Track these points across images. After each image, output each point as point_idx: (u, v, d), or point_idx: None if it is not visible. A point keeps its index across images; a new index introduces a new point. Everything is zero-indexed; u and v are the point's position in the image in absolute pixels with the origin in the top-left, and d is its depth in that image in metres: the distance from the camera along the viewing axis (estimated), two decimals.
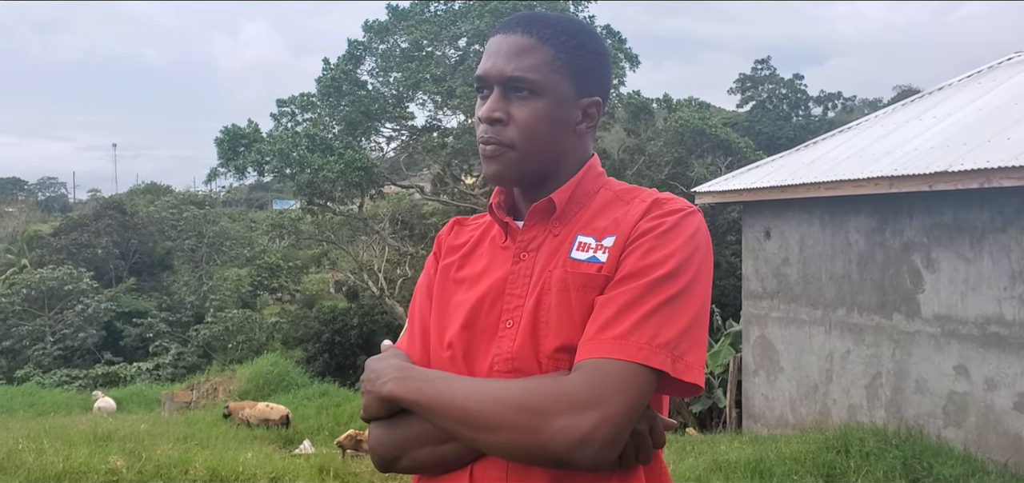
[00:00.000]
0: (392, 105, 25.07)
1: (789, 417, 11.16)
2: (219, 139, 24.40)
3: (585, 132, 1.52)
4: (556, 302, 1.39)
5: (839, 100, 49.41)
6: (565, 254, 1.43)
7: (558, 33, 1.47)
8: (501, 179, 1.49)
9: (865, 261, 10.06)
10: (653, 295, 1.33)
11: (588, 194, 1.50)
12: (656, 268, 1.35)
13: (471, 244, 1.59)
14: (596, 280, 1.38)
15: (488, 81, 1.47)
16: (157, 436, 10.83)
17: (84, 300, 30.86)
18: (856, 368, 10.19)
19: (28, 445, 9.08)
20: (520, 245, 1.48)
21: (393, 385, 1.41)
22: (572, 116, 1.48)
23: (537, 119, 1.44)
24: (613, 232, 1.42)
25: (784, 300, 11.30)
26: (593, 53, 1.50)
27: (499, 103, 1.45)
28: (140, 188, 58.91)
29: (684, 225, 1.40)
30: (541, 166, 1.47)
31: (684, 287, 1.35)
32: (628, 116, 26.47)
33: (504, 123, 1.45)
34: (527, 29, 1.46)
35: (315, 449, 11.81)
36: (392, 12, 24.93)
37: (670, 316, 1.32)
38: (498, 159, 1.46)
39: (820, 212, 10.67)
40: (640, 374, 1.28)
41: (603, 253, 1.40)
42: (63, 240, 36.90)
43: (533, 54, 1.44)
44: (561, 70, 1.45)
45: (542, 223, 1.48)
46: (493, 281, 1.47)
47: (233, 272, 35.77)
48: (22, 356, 29.79)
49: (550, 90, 1.44)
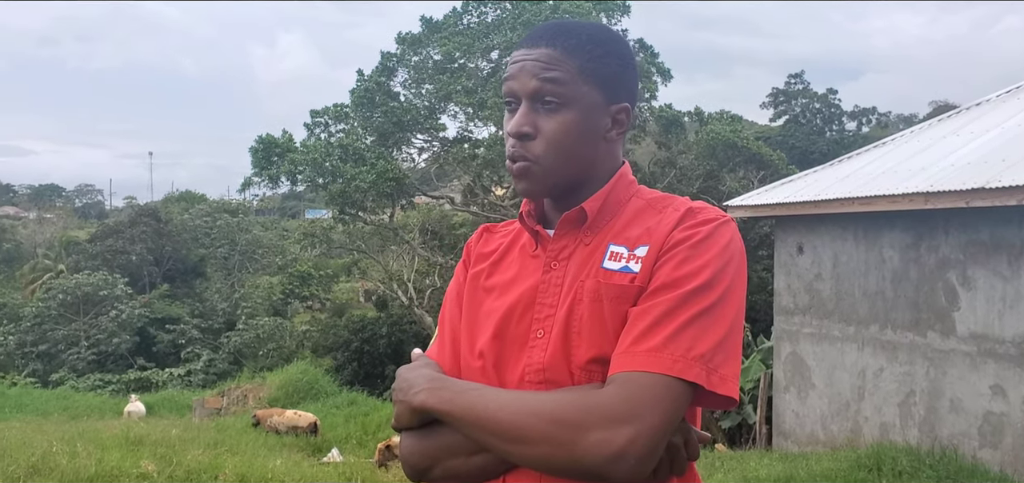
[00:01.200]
0: (424, 116, 25.19)
1: (820, 434, 11.03)
2: (253, 148, 24.65)
3: (615, 139, 1.50)
4: (588, 313, 1.38)
5: (874, 115, 48.99)
6: (597, 264, 1.41)
7: (584, 42, 1.46)
8: (531, 193, 1.48)
9: (899, 278, 9.94)
10: (688, 307, 1.31)
11: (620, 202, 1.48)
12: (691, 279, 1.33)
13: (500, 251, 1.58)
14: (629, 291, 1.37)
15: (515, 95, 1.46)
16: (188, 441, 10.93)
17: (118, 306, 31.24)
18: (889, 386, 10.05)
19: (62, 448, 9.20)
20: (551, 254, 1.47)
21: (425, 395, 1.39)
22: (601, 124, 1.47)
23: (565, 131, 1.43)
24: (646, 241, 1.41)
25: (816, 316, 11.18)
26: (620, 59, 1.49)
27: (527, 117, 1.44)
28: (175, 196, 59.60)
29: (718, 235, 1.38)
30: (571, 177, 1.46)
31: (719, 298, 1.33)
32: (660, 129, 26.39)
33: (532, 137, 1.44)
34: (552, 41, 1.45)
35: (343, 457, 11.86)
36: (425, 24, 25.07)
37: (705, 328, 1.31)
38: (527, 174, 1.45)
39: (854, 228, 10.55)
40: (675, 387, 1.27)
41: (636, 263, 1.39)
42: (99, 246, 37.40)
43: (559, 66, 1.43)
44: (588, 79, 1.44)
45: (573, 232, 1.47)
46: (523, 290, 1.46)
47: (265, 280, 36.04)
48: (57, 360, 30.19)
49: (578, 100, 1.43)
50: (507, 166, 1.49)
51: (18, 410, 18.64)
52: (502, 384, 1.41)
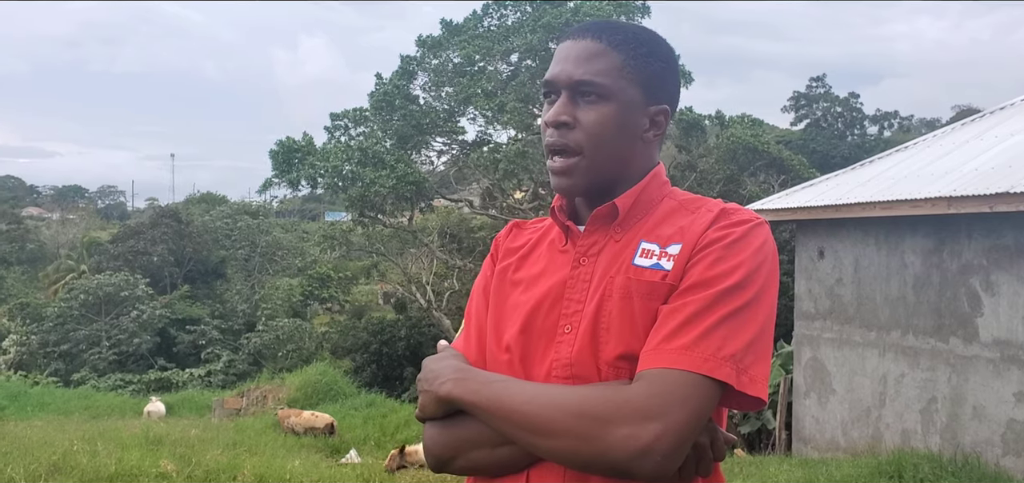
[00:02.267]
0: (443, 119, 25.23)
1: (840, 440, 10.94)
2: (274, 151, 24.78)
3: (652, 140, 1.50)
4: (618, 309, 1.38)
5: (896, 119, 48.59)
6: (628, 260, 1.41)
7: (628, 40, 1.46)
8: (569, 189, 1.47)
9: (921, 283, 9.84)
10: (720, 306, 1.31)
11: (652, 201, 1.48)
12: (723, 278, 1.33)
13: (529, 246, 1.57)
14: (660, 288, 1.37)
15: (556, 85, 1.46)
16: (207, 441, 10.99)
17: (139, 306, 31.47)
18: (911, 392, 9.96)
19: (82, 447, 9.28)
20: (581, 249, 1.46)
21: (452, 386, 1.39)
22: (640, 123, 1.47)
23: (604, 123, 1.43)
24: (678, 240, 1.40)
25: (837, 321, 11.09)
26: (662, 61, 1.49)
27: (566, 107, 1.44)
28: (196, 197, 59.99)
29: (752, 236, 1.38)
30: (608, 173, 1.46)
31: (751, 299, 1.33)
32: (680, 133, 26.29)
33: (571, 127, 1.43)
34: (597, 35, 1.45)
35: (361, 459, 11.87)
36: (445, 27, 25.11)
37: (736, 328, 1.30)
38: (568, 169, 1.45)
39: (875, 232, 10.47)
40: (704, 385, 1.27)
41: (668, 260, 1.38)
42: (120, 247, 37.68)
43: (602, 59, 1.43)
44: (630, 76, 1.44)
45: (604, 228, 1.46)
46: (552, 284, 1.46)
47: (284, 282, 36.20)
48: (79, 359, 30.45)
49: (618, 95, 1.43)
50: (547, 162, 1.49)
51: (40, 409, 18.81)
52: (529, 378, 1.41)
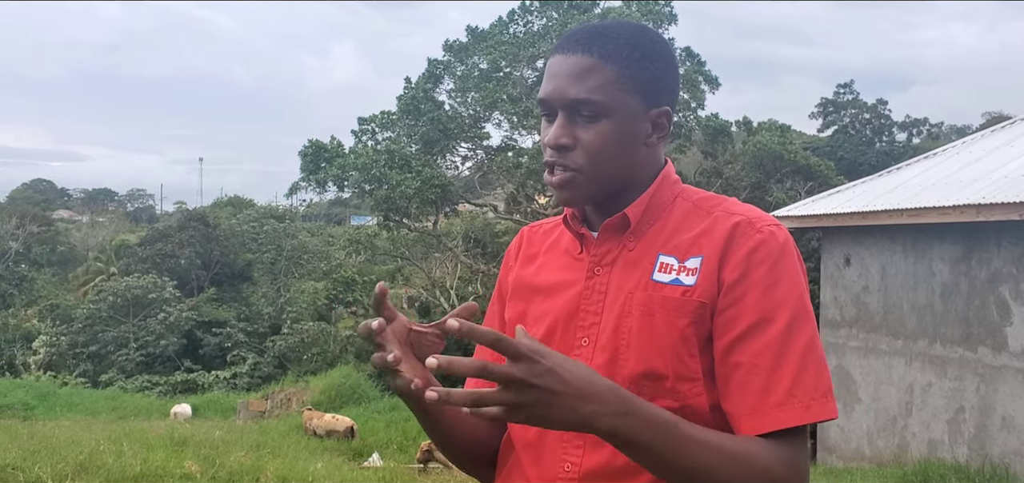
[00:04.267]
0: (469, 124, 25.31)
1: (866, 450, 10.83)
2: (303, 151, 25.05)
3: (656, 143, 1.45)
4: (638, 326, 1.35)
5: (925, 126, 48.08)
6: (646, 275, 1.38)
7: (620, 47, 1.40)
8: (571, 202, 1.45)
9: (949, 291, 9.74)
10: (793, 343, 1.30)
11: (663, 205, 1.44)
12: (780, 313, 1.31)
13: (542, 251, 1.55)
14: (686, 305, 1.34)
15: (551, 105, 1.41)
16: (231, 443, 11.07)
17: (167, 308, 31.73)
18: (938, 402, 9.85)
19: (109, 447, 9.38)
20: (594, 259, 1.44)
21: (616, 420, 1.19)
22: (641, 130, 1.42)
23: (604, 140, 1.38)
24: (697, 253, 1.36)
25: (863, 329, 11.00)
26: (659, 61, 1.44)
27: (564, 128, 1.39)
28: (223, 201, 60.43)
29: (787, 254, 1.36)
30: (612, 185, 1.42)
31: (811, 323, 1.33)
32: (706, 139, 26.19)
33: (571, 148, 1.39)
34: (587, 48, 1.39)
35: (383, 462, 11.91)
36: (471, 33, 25.19)
37: (818, 360, 1.31)
38: (567, 185, 1.40)
39: (902, 239, 10.37)
40: (806, 430, 1.32)
41: (688, 275, 1.35)
42: (148, 250, 38.01)
43: (595, 74, 1.37)
44: (626, 86, 1.38)
45: (616, 238, 1.43)
46: (569, 296, 1.44)
47: (310, 285, 36.39)
48: (107, 361, 30.75)
49: (616, 109, 1.38)
50: (545, 177, 1.45)
51: (68, 409, 19.05)
52: None
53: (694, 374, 1.33)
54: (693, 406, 1.32)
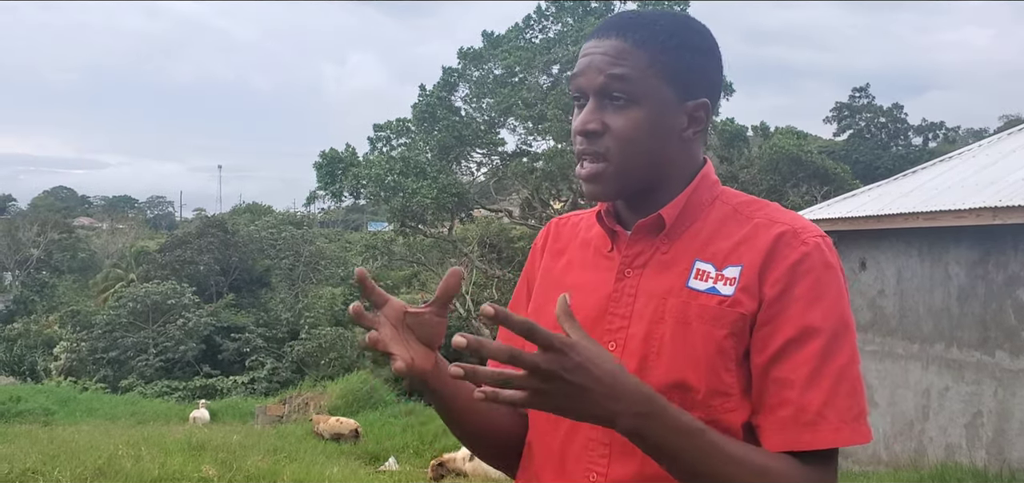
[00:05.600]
0: (484, 131, 25.37)
1: (882, 454, 10.78)
2: (318, 163, 25.19)
3: (693, 138, 1.38)
4: (671, 334, 1.30)
5: (941, 130, 47.73)
6: (681, 281, 1.32)
7: (656, 33, 1.34)
8: (601, 196, 1.38)
9: (966, 295, 9.68)
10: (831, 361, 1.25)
11: (701, 206, 1.37)
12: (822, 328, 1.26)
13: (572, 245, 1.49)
14: (726, 316, 1.28)
15: (583, 90, 1.36)
16: (248, 447, 11.13)
17: (186, 314, 31.96)
18: (955, 406, 9.79)
19: (127, 451, 9.47)
20: (625, 260, 1.38)
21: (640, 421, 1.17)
22: (676, 122, 1.35)
23: (635, 128, 1.32)
24: (736, 262, 1.30)
25: (879, 333, 10.95)
26: (698, 51, 1.37)
27: (594, 114, 1.34)
28: (242, 208, 60.79)
29: (832, 268, 1.30)
30: (644, 180, 1.36)
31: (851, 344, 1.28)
32: (722, 144, 26.14)
33: (600, 134, 1.34)
34: (621, 32, 1.34)
35: (400, 466, 11.96)
36: (487, 39, 25.26)
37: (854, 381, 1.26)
38: (596, 177, 1.35)
39: (918, 243, 10.32)
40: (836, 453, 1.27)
41: (725, 284, 1.29)
42: (168, 256, 38.31)
43: (628, 59, 1.32)
44: (660, 74, 1.33)
45: (649, 239, 1.37)
46: (597, 296, 1.38)
47: (327, 291, 36.51)
48: (127, 366, 30.98)
49: (649, 96, 1.32)
50: (576, 169, 1.39)
51: (88, 414, 19.21)
52: None
53: (729, 389, 1.27)
54: (724, 422, 1.26)
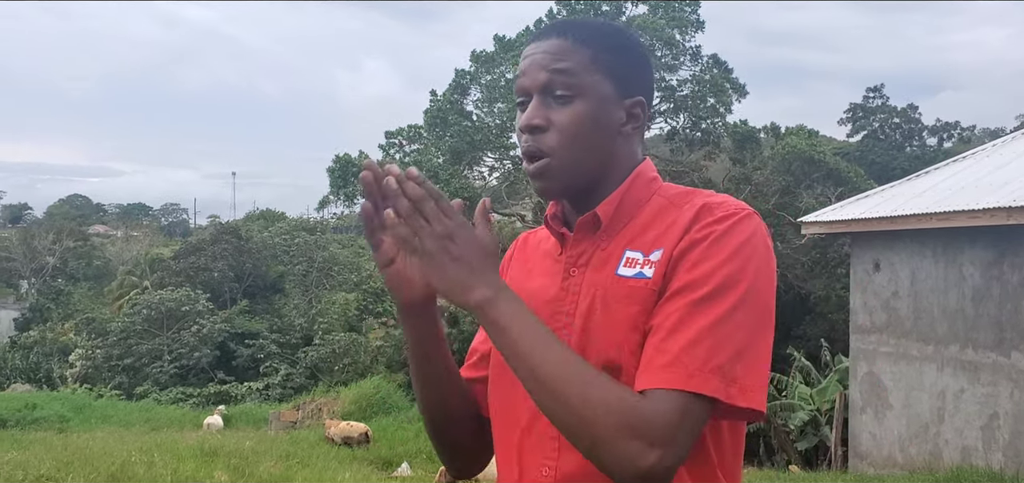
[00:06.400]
0: (495, 135, 25.38)
1: (898, 457, 10.71)
2: (331, 168, 25.29)
3: (631, 134, 1.44)
4: (600, 320, 1.34)
5: (956, 130, 47.43)
6: (612, 271, 1.37)
7: (594, 34, 1.42)
8: (548, 192, 1.43)
9: (981, 296, 9.61)
10: (702, 313, 1.24)
11: (638, 203, 1.42)
12: (704, 282, 1.26)
13: (533, 257, 1.55)
14: (641, 294, 1.31)
15: (526, 89, 1.42)
16: (261, 453, 11.15)
17: (200, 321, 32.06)
18: (971, 408, 9.71)
19: (140, 457, 9.50)
20: (569, 260, 1.43)
21: (490, 294, 1.28)
22: (615, 117, 1.41)
23: (578, 121, 1.38)
24: (660, 245, 1.34)
25: (894, 335, 10.88)
26: (632, 53, 1.45)
27: (538, 110, 1.39)
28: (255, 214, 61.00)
29: (736, 231, 1.29)
30: (587, 174, 1.41)
31: (736, 302, 1.25)
32: (734, 145, 26.03)
33: (544, 129, 1.39)
34: (562, 33, 1.41)
35: (413, 472, 11.94)
36: (499, 43, 25.27)
37: (722, 336, 1.23)
38: (544, 173, 1.40)
39: (932, 244, 10.25)
40: (693, 404, 1.22)
41: (650, 268, 1.33)
42: (182, 263, 38.45)
43: (570, 56, 1.39)
44: (600, 70, 1.39)
45: (590, 237, 1.42)
46: (547, 298, 1.43)
47: (341, 296, 36.57)
48: (141, 373, 31.09)
49: (590, 91, 1.38)
50: (523, 165, 1.44)
51: (103, 421, 19.29)
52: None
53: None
54: None
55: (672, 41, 24.14)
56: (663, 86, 24.89)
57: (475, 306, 1.27)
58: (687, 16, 24.82)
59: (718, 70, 24.83)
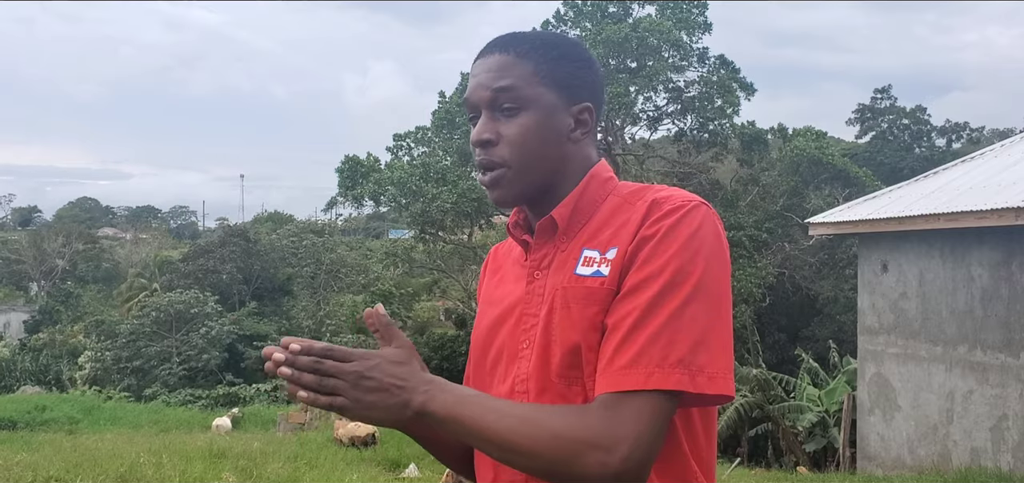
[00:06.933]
0: None
1: (906, 458, 10.68)
2: (339, 168, 25.38)
3: (582, 139, 1.47)
4: (560, 320, 1.37)
5: (965, 131, 47.19)
6: (571, 271, 1.40)
7: (536, 46, 1.46)
8: (504, 201, 1.47)
9: (989, 296, 9.58)
10: (657, 311, 1.27)
11: (594, 203, 1.45)
12: (655, 279, 1.29)
13: (504, 266, 1.59)
14: (598, 293, 1.35)
15: (474, 105, 1.47)
16: (269, 455, 11.16)
17: (208, 323, 32.16)
18: (979, 409, 9.68)
19: (149, 459, 9.52)
20: (533, 264, 1.47)
21: (425, 399, 1.30)
22: (564, 124, 1.45)
23: (525, 132, 1.42)
24: (615, 243, 1.37)
25: (902, 336, 10.85)
26: (577, 61, 1.48)
27: (487, 125, 1.45)
28: (264, 217, 61.21)
29: (683, 224, 1.32)
30: (540, 180, 1.45)
31: (690, 294, 1.28)
32: (741, 147, 25.98)
33: (494, 143, 1.44)
34: (504, 48, 1.46)
35: (420, 473, 11.95)
36: None
37: (678, 329, 1.26)
38: (497, 183, 1.44)
39: (940, 245, 10.23)
40: (654, 401, 1.25)
41: (606, 266, 1.36)
42: (191, 265, 38.62)
43: (513, 70, 1.43)
44: (544, 81, 1.43)
45: (550, 241, 1.46)
46: (512, 302, 1.47)
47: (349, 298, 36.62)
48: (150, 375, 31.20)
49: (535, 101, 1.43)
50: (477, 178, 1.50)
51: (112, 423, 19.37)
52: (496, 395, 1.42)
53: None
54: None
55: (679, 42, 24.11)
56: (670, 87, 24.87)
57: (417, 414, 1.30)
58: (694, 17, 24.80)
59: (725, 71, 24.79)
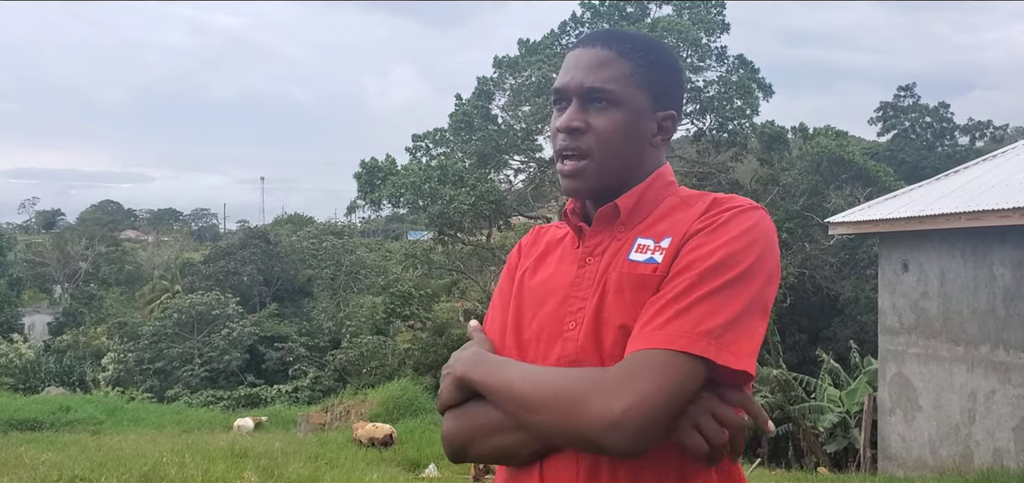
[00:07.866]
0: (521, 138, 25.40)
1: (928, 459, 10.61)
2: (358, 172, 25.40)
3: (659, 144, 1.54)
4: (614, 303, 1.41)
5: (988, 129, 46.73)
6: (624, 256, 1.44)
7: (636, 48, 1.50)
8: (578, 191, 1.51)
9: (1011, 296, 9.51)
10: (699, 286, 1.33)
11: (655, 201, 1.50)
12: (704, 260, 1.35)
13: (548, 248, 1.62)
14: (651, 280, 1.39)
15: (567, 93, 1.50)
16: (290, 455, 11.25)
17: (230, 324, 32.33)
18: (1002, 409, 9.61)
19: (172, 459, 9.62)
20: (586, 249, 1.51)
21: (464, 368, 1.46)
22: (648, 128, 1.51)
23: (615, 129, 1.47)
24: (671, 234, 1.43)
25: (923, 336, 10.78)
26: (669, 68, 1.54)
27: (578, 113, 1.48)
28: (284, 219, 61.46)
29: (739, 219, 1.39)
30: (616, 177, 1.49)
31: (735, 278, 1.33)
32: (762, 146, 25.86)
33: (583, 132, 1.48)
34: (606, 43, 1.50)
35: (440, 473, 12.00)
36: (523, 47, 25.30)
37: (717, 306, 1.31)
38: (578, 173, 1.49)
39: (962, 244, 10.16)
40: (676, 361, 1.28)
41: (660, 254, 1.41)
42: (212, 267, 38.83)
43: (612, 66, 1.47)
44: (639, 83, 1.48)
45: (608, 228, 1.50)
46: (561, 284, 1.50)
47: (368, 300, 36.75)
48: (172, 376, 31.41)
49: (628, 101, 1.47)
50: (557, 166, 1.53)
51: (135, 424, 19.50)
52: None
53: None
54: None
55: (697, 42, 24.04)
56: (689, 87, 24.80)
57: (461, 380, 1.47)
58: (712, 17, 24.72)
59: (744, 71, 24.69)
